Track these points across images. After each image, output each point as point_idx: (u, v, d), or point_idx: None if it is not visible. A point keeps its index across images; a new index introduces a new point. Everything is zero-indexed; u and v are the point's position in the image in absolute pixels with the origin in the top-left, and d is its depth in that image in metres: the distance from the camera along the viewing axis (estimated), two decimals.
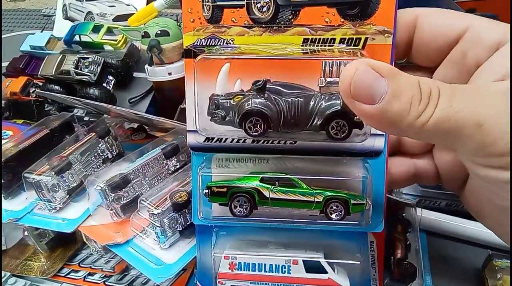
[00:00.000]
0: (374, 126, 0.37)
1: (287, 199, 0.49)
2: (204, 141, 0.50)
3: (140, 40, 0.87)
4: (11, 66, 1.12)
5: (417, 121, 0.33)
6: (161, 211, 0.63)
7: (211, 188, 0.50)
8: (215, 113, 0.47)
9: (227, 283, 0.53)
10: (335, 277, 0.51)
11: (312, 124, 0.46)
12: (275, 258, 0.52)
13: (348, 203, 0.48)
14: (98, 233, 0.70)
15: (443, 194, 0.77)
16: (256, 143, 0.49)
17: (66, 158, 0.74)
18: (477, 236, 0.75)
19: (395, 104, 0.33)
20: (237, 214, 0.49)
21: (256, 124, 0.46)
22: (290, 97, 0.45)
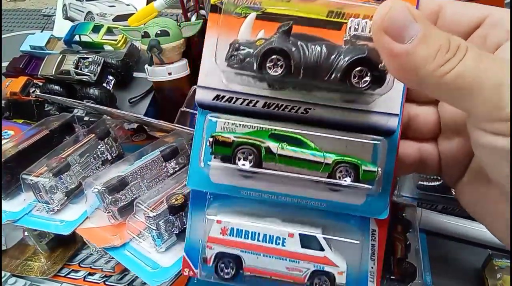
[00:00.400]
0: (395, 70, 0.37)
1: (295, 157, 0.45)
2: (213, 99, 0.48)
3: (140, 40, 0.87)
4: (11, 66, 1.12)
5: (440, 69, 0.33)
6: (156, 214, 0.62)
7: (216, 137, 0.46)
8: (234, 55, 0.44)
9: (216, 248, 0.49)
10: (332, 256, 0.48)
11: (333, 73, 0.43)
12: (270, 229, 0.49)
13: (358, 169, 0.45)
14: (95, 235, 0.69)
15: (440, 197, 0.78)
16: (267, 108, 0.47)
17: (64, 159, 0.74)
18: (477, 236, 0.75)
19: (423, 48, 0.34)
20: (241, 168, 0.46)
21: (277, 64, 0.43)
22: (314, 45, 0.43)
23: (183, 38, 0.87)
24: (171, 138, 0.80)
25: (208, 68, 0.47)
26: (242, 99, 0.47)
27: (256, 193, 0.49)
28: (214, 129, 0.48)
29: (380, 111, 0.47)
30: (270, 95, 0.47)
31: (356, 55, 0.42)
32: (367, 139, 0.47)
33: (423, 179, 0.79)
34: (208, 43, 0.47)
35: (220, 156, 0.47)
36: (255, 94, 0.47)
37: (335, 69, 0.42)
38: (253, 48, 0.44)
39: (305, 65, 0.42)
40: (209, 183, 0.49)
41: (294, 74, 0.43)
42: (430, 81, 0.34)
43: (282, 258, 0.48)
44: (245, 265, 0.49)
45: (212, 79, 0.47)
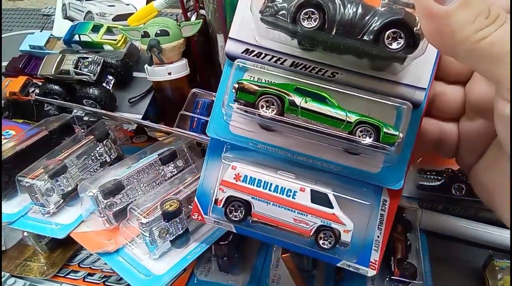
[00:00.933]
0: (431, 32, 0.36)
1: (317, 111, 0.45)
2: (243, 53, 0.49)
3: (140, 40, 0.87)
4: (10, 66, 1.11)
5: (477, 34, 0.33)
6: (150, 220, 0.61)
7: (241, 83, 0.47)
8: (269, 6, 0.43)
9: (228, 191, 0.51)
10: (340, 214, 0.49)
11: (366, 33, 0.42)
12: (283, 181, 0.50)
13: (380, 130, 0.45)
14: (89, 240, 0.69)
15: (440, 196, 0.77)
16: (294, 67, 0.48)
17: (61, 161, 0.73)
18: (478, 236, 0.75)
19: (462, 11, 0.33)
20: (262, 114, 0.46)
21: (311, 17, 0.42)
22: (352, 3, 0.42)
23: (183, 38, 0.87)
24: (171, 140, 0.79)
25: (241, 20, 0.48)
26: (271, 56, 0.48)
27: (273, 149, 0.50)
28: (240, 76, 0.49)
29: (408, 83, 0.47)
30: (299, 55, 0.48)
31: (392, 17, 0.41)
32: (392, 102, 0.47)
33: (423, 179, 0.79)
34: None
35: (243, 103, 0.47)
36: (285, 52, 0.48)
37: (369, 29, 0.42)
38: (288, 1, 0.43)
39: (339, 22, 0.42)
40: (229, 133, 0.51)
41: (327, 30, 0.42)
42: (465, 46, 0.34)
43: (290, 209, 0.50)
44: (254, 211, 0.51)
45: (244, 32, 0.48)
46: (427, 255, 0.72)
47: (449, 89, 0.50)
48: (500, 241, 0.72)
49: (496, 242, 0.72)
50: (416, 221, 0.73)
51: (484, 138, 0.47)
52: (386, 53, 0.42)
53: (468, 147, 0.50)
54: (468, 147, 0.50)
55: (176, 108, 0.87)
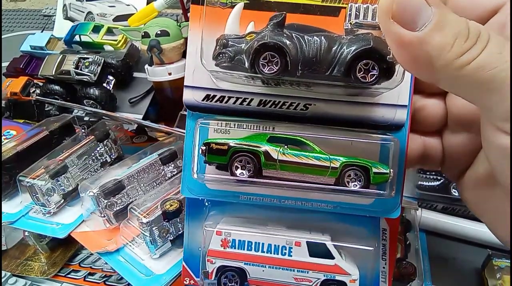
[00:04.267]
0: (406, 61, 0.33)
1: (298, 162, 0.41)
2: (203, 100, 0.43)
3: (140, 40, 0.87)
4: (11, 66, 1.12)
5: (458, 60, 0.29)
6: (150, 220, 0.62)
7: (209, 144, 0.42)
8: (223, 53, 0.39)
9: (218, 262, 0.46)
10: (343, 264, 0.45)
11: (336, 67, 0.38)
12: (275, 238, 0.45)
13: (369, 171, 0.41)
14: (90, 239, 0.69)
15: (440, 196, 0.78)
16: (263, 106, 0.42)
17: (62, 161, 0.74)
18: (477, 236, 0.75)
19: (437, 35, 0.30)
20: (239, 178, 0.42)
21: (272, 61, 0.38)
22: (312, 37, 0.38)
23: (183, 38, 0.87)
24: (171, 140, 0.79)
25: (194, 66, 0.43)
26: (235, 98, 0.43)
27: (257, 198, 0.46)
28: (207, 135, 0.44)
29: (387, 103, 0.43)
30: (266, 92, 0.43)
31: (361, 47, 0.37)
32: (376, 139, 0.43)
33: (423, 179, 0.79)
34: (192, 39, 0.43)
35: (215, 164, 0.44)
36: (249, 91, 0.43)
37: (337, 62, 0.38)
38: (243, 43, 0.39)
39: (303, 61, 0.38)
40: (206, 190, 0.46)
41: (291, 71, 0.39)
42: (447, 74, 0.31)
43: (289, 268, 0.46)
44: (249, 277, 0.46)
45: (200, 77, 0.43)
46: (426, 254, 0.72)
47: (429, 103, 0.47)
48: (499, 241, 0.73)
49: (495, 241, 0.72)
50: (415, 220, 0.73)
51: (469, 151, 0.45)
52: (360, 85, 0.39)
53: (453, 160, 0.47)
54: (453, 160, 0.47)
55: (176, 109, 0.87)
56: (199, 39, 0.42)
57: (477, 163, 0.45)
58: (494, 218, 0.44)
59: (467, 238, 0.76)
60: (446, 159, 0.48)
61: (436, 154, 0.48)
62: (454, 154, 0.47)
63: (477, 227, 0.75)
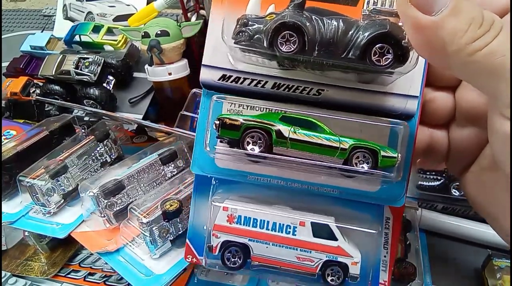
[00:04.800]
0: (421, 45, 0.33)
1: (308, 141, 0.42)
2: (219, 80, 0.44)
3: (140, 40, 0.87)
4: (11, 66, 1.12)
5: (471, 46, 0.30)
6: (150, 220, 0.62)
7: (223, 119, 0.43)
8: (242, 32, 0.40)
9: (223, 236, 0.47)
10: (346, 246, 0.46)
11: (351, 50, 0.39)
12: (280, 216, 0.46)
13: (377, 154, 0.42)
14: (90, 239, 0.69)
15: (440, 196, 0.78)
16: (277, 89, 0.44)
17: (62, 161, 0.74)
18: (477, 236, 0.75)
19: (452, 20, 0.30)
20: (249, 152, 0.43)
21: (290, 40, 0.39)
22: (331, 19, 0.39)
23: (183, 38, 0.87)
24: (171, 140, 0.79)
25: (213, 46, 0.44)
26: (250, 80, 0.44)
27: (264, 179, 0.47)
28: (220, 111, 0.45)
29: (398, 93, 0.44)
30: (280, 76, 0.44)
31: (377, 31, 0.38)
32: (386, 123, 0.44)
33: (423, 179, 0.79)
34: (213, 19, 0.44)
35: (226, 139, 0.44)
36: (264, 74, 0.44)
37: (353, 45, 0.39)
38: (263, 23, 0.40)
39: (320, 42, 0.39)
40: (215, 167, 0.47)
41: (308, 51, 0.39)
42: (459, 59, 0.31)
43: (292, 247, 0.46)
44: (253, 254, 0.47)
45: (218, 57, 0.44)
46: (426, 254, 0.72)
47: (438, 96, 0.47)
48: (499, 240, 0.72)
49: (495, 241, 0.72)
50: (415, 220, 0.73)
51: (474, 146, 0.45)
52: (374, 69, 0.40)
53: (459, 154, 0.48)
54: (458, 154, 0.48)
55: (177, 109, 0.87)
56: (220, 20, 0.43)
57: (482, 158, 0.45)
58: (497, 214, 0.43)
59: (467, 238, 0.76)
60: (451, 153, 0.48)
61: (441, 147, 0.48)
62: (460, 148, 0.47)
63: (477, 227, 0.75)
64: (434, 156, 0.49)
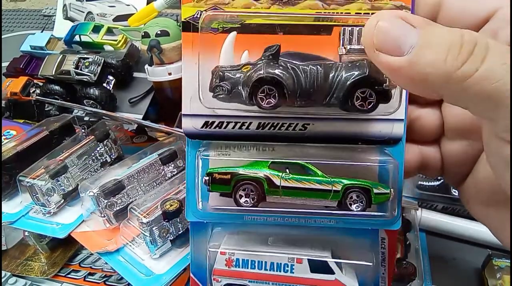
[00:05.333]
0: (405, 85, 0.32)
1: (300, 187, 0.42)
2: (202, 127, 0.44)
3: (140, 40, 0.87)
4: (11, 66, 1.12)
5: (458, 72, 0.28)
6: (150, 220, 0.62)
7: (212, 174, 0.43)
8: (220, 86, 0.40)
9: (223, 280, 0.48)
10: (343, 278, 0.47)
11: (333, 96, 0.39)
12: (277, 256, 0.47)
13: (370, 192, 0.43)
14: (90, 239, 0.69)
15: (440, 196, 0.78)
16: (262, 128, 0.43)
17: (62, 161, 0.74)
18: (477, 236, 0.75)
19: (427, 53, 0.29)
20: (243, 206, 0.43)
21: (270, 94, 0.39)
22: (308, 66, 0.39)
23: None
24: (171, 140, 0.79)
25: (191, 93, 0.43)
26: (234, 123, 0.43)
27: (260, 218, 0.46)
28: (207, 165, 0.45)
29: (384, 118, 0.43)
30: (264, 115, 0.43)
31: (357, 76, 0.38)
32: (374, 162, 0.44)
33: (423, 179, 0.79)
34: (186, 67, 0.43)
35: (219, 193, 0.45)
36: (247, 115, 0.43)
37: (334, 91, 0.39)
38: (239, 74, 0.40)
39: (300, 91, 0.39)
40: (209, 213, 0.47)
41: (289, 102, 0.39)
42: (450, 88, 0.29)
43: (291, 285, 0.47)
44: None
45: (198, 105, 0.43)
46: (426, 254, 0.72)
47: (424, 113, 0.46)
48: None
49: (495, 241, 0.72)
50: (415, 220, 0.74)
51: (468, 158, 0.45)
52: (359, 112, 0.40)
53: (453, 167, 0.47)
54: (453, 167, 0.47)
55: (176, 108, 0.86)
56: (192, 67, 0.42)
57: (477, 169, 0.45)
58: (498, 224, 0.43)
59: (467, 238, 0.76)
60: (445, 167, 0.48)
61: (435, 163, 0.48)
62: (454, 161, 0.46)
63: (477, 227, 0.75)
64: (428, 171, 0.48)
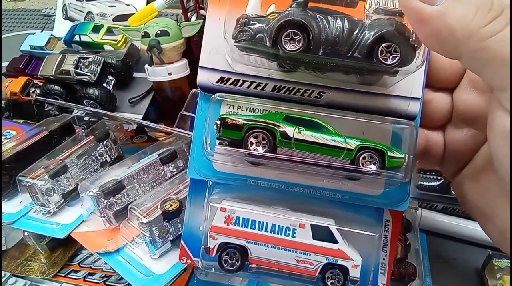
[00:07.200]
0: (427, 37, 0.32)
1: (314, 141, 0.41)
2: (217, 82, 0.43)
3: (140, 40, 0.87)
4: (11, 66, 1.12)
5: (482, 30, 0.29)
6: (150, 220, 0.62)
7: (224, 119, 0.41)
8: (243, 31, 0.38)
9: (220, 238, 0.46)
10: (346, 249, 0.45)
11: (357, 49, 0.38)
12: (280, 218, 0.45)
13: (384, 154, 0.41)
14: (89, 239, 0.69)
15: (440, 196, 0.78)
16: (277, 91, 0.42)
17: (62, 161, 0.74)
18: (477, 236, 0.75)
19: (458, 6, 0.29)
20: (253, 153, 0.41)
21: (294, 39, 0.37)
22: (335, 18, 0.38)
23: (183, 38, 0.87)
24: (171, 140, 0.79)
25: (211, 47, 0.43)
26: (250, 82, 0.43)
27: (264, 183, 0.45)
28: (219, 113, 0.44)
29: (400, 95, 0.43)
30: (281, 78, 0.43)
31: (383, 29, 0.37)
32: (392, 123, 0.43)
33: (423, 179, 0.79)
34: (210, 21, 0.43)
35: (227, 141, 0.43)
36: (264, 76, 0.43)
37: (359, 45, 0.38)
38: (265, 22, 0.39)
39: (325, 41, 0.38)
40: (212, 171, 0.46)
41: (313, 51, 0.38)
42: (470, 45, 0.30)
43: (291, 249, 0.45)
44: (251, 256, 0.46)
45: (216, 59, 0.43)
46: (426, 254, 0.72)
47: (436, 96, 0.47)
48: None
49: None
50: (415, 220, 0.73)
51: (469, 148, 0.45)
52: (380, 68, 0.39)
53: (454, 156, 0.47)
54: (453, 156, 0.47)
55: (176, 108, 0.87)
56: (217, 21, 0.42)
57: (478, 158, 0.45)
58: (491, 214, 0.43)
59: (467, 238, 0.76)
60: (446, 155, 0.48)
61: (437, 149, 0.48)
62: (455, 149, 0.47)
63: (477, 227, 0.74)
64: (430, 158, 0.49)
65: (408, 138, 0.43)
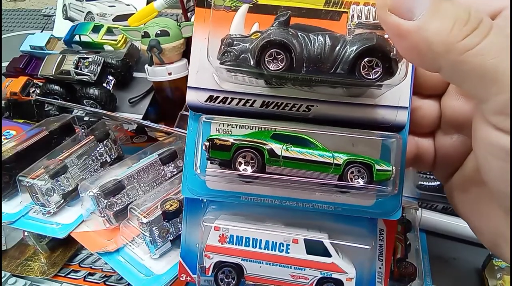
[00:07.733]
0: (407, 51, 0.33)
1: (301, 158, 0.41)
2: (206, 101, 0.44)
3: (140, 40, 0.87)
4: (11, 66, 1.12)
5: (459, 44, 0.29)
6: (150, 220, 0.62)
7: (213, 140, 0.42)
8: (227, 52, 0.39)
9: (215, 257, 0.46)
10: (340, 262, 0.45)
11: (339, 65, 0.38)
12: (273, 234, 0.45)
13: (372, 168, 0.41)
14: (90, 239, 0.69)
15: (440, 196, 0.78)
16: (265, 107, 0.43)
17: (62, 161, 0.74)
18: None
19: (435, 21, 0.30)
20: (242, 173, 0.42)
21: (277, 58, 0.38)
22: (317, 35, 0.39)
23: (183, 38, 0.87)
24: (171, 140, 0.79)
25: (198, 67, 0.44)
26: (238, 99, 0.44)
27: (258, 199, 0.46)
28: (209, 132, 0.45)
29: (388, 105, 0.43)
30: (269, 94, 0.44)
31: (365, 45, 0.38)
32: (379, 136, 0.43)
33: (423, 179, 0.79)
34: (196, 40, 0.44)
35: (217, 161, 0.43)
36: (252, 93, 0.44)
37: (341, 60, 0.38)
38: (248, 42, 0.40)
39: (308, 58, 0.38)
40: (206, 189, 0.46)
41: (296, 69, 0.39)
42: (448, 60, 0.30)
43: (286, 265, 0.46)
44: (246, 273, 0.47)
45: (204, 78, 0.44)
46: (426, 254, 0.72)
47: (425, 103, 0.47)
48: None
49: None
50: (416, 220, 0.73)
51: (459, 153, 0.45)
52: (363, 82, 0.39)
53: (444, 161, 0.47)
54: (444, 162, 0.47)
55: (176, 108, 0.87)
56: (203, 40, 0.42)
57: (466, 165, 0.45)
58: (479, 221, 0.43)
59: (467, 238, 0.76)
60: (437, 160, 0.48)
61: (428, 155, 0.48)
62: (445, 155, 0.47)
63: None
64: (421, 164, 0.49)
65: (396, 149, 0.43)
